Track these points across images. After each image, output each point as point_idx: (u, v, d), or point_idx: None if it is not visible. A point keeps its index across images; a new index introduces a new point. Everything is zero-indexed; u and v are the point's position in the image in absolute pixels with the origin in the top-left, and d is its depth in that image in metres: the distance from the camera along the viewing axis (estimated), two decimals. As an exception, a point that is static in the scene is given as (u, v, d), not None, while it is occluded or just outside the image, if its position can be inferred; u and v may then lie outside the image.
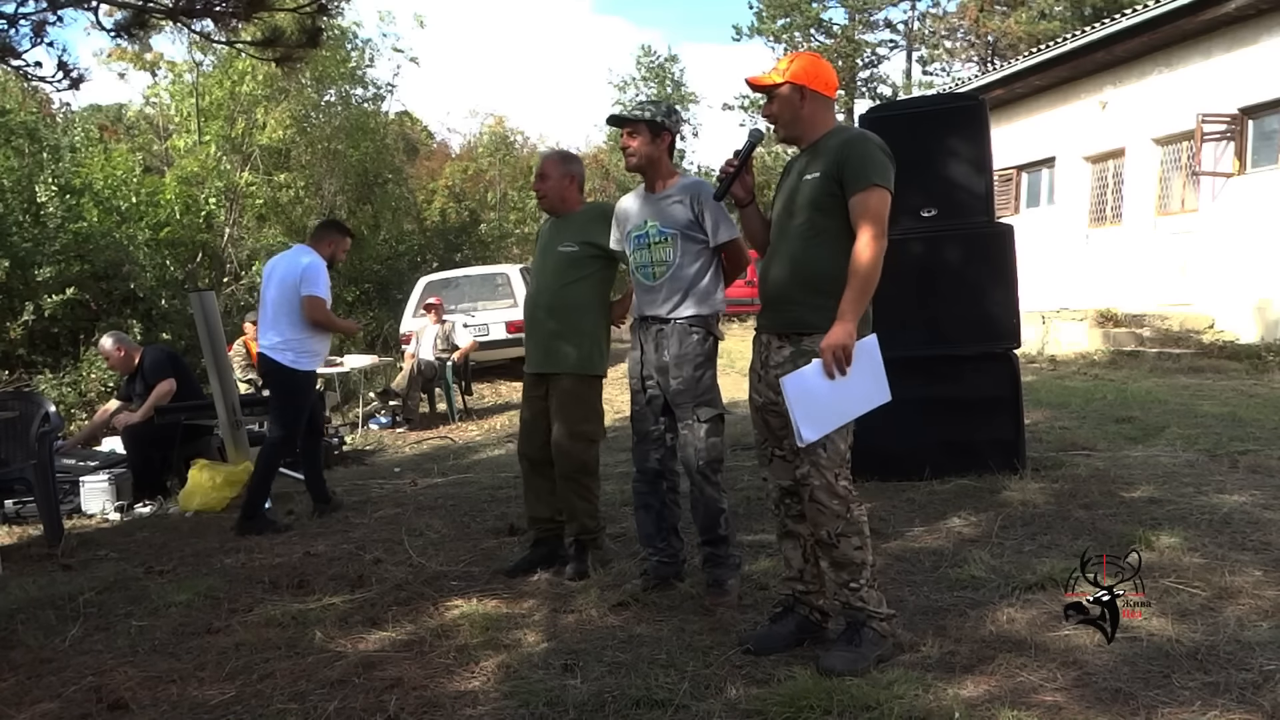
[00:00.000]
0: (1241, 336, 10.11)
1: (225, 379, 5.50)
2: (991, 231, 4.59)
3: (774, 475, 2.77)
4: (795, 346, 2.62)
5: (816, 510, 2.59)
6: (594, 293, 3.54)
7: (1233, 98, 10.41)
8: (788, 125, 2.73)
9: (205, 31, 5.69)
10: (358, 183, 16.61)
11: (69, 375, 8.89)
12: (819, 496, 2.57)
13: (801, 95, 2.68)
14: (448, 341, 9.58)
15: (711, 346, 3.17)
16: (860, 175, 2.55)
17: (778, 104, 2.70)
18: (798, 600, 2.79)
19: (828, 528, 2.58)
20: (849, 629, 2.64)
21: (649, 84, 33.03)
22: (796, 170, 2.74)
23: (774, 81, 2.69)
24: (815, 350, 2.53)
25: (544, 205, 3.66)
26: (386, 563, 3.90)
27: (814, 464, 2.56)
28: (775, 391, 2.63)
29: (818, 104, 2.70)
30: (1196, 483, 4.27)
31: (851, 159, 2.57)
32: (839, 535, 2.58)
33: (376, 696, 2.55)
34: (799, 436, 2.50)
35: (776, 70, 2.73)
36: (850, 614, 2.65)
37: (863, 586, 2.61)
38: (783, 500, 2.76)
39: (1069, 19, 22.76)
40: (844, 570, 2.62)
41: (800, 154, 2.77)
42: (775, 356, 2.67)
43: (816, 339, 2.54)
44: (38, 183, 9.99)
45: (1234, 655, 2.47)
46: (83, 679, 2.81)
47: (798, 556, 2.77)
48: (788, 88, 2.68)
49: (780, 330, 2.68)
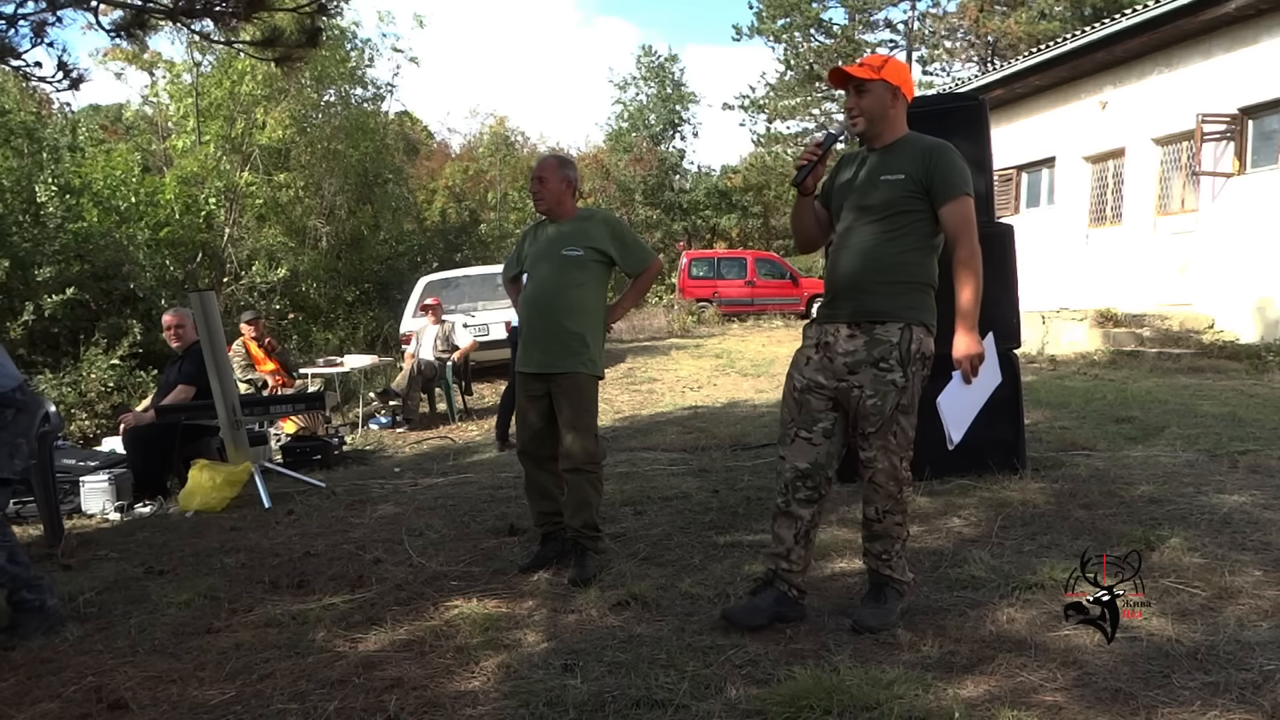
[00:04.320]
0: (1241, 336, 10.11)
1: (225, 379, 5.50)
2: (991, 231, 4.58)
3: (792, 456, 2.83)
4: (869, 335, 2.72)
5: (874, 490, 2.76)
6: (598, 296, 3.65)
7: (1233, 98, 10.42)
8: (874, 121, 2.77)
9: (204, 32, 5.69)
10: (358, 183, 16.61)
11: (69, 375, 8.88)
12: (879, 479, 2.74)
13: (894, 95, 2.76)
14: (448, 341, 9.58)
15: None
16: (952, 184, 2.69)
17: (870, 99, 2.75)
18: (778, 576, 2.88)
19: (878, 505, 2.78)
20: (874, 589, 2.87)
21: (649, 84, 33.02)
22: (869, 169, 2.80)
23: (870, 76, 2.74)
24: (891, 340, 2.68)
25: (540, 208, 3.72)
26: (386, 563, 3.90)
27: (884, 449, 2.71)
28: (829, 378, 2.76)
29: (901, 107, 2.79)
30: (1196, 483, 4.27)
31: (941, 167, 2.69)
32: (886, 512, 2.77)
33: (376, 696, 2.55)
34: (950, 441, 2.80)
35: (869, 66, 2.77)
36: (875, 577, 2.87)
37: (894, 557, 2.82)
38: (794, 482, 2.82)
39: (1069, 19, 22.76)
40: (881, 541, 2.81)
41: (871, 153, 2.83)
42: (846, 345, 2.75)
43: (890, 328, 2.69)
44: (37, 183, 9.98)
45: (1234, 655, 2.47)
46: (83, 679, 2.81)
47: (789, 536, 2.85)
48: (881, 85, 2.74)
49: (852, 319, 2.75)
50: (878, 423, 2.69)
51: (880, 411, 2.68)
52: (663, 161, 31.22)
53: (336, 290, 16.03)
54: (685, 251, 25.03)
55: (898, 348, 2.68)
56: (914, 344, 2.69)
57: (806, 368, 2.82)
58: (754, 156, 31.39)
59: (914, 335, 2.70)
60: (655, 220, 29.03)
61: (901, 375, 2.68)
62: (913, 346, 2.69)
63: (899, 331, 2.69)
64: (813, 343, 2.84)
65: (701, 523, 4.17)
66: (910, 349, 2.69)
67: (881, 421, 2.69)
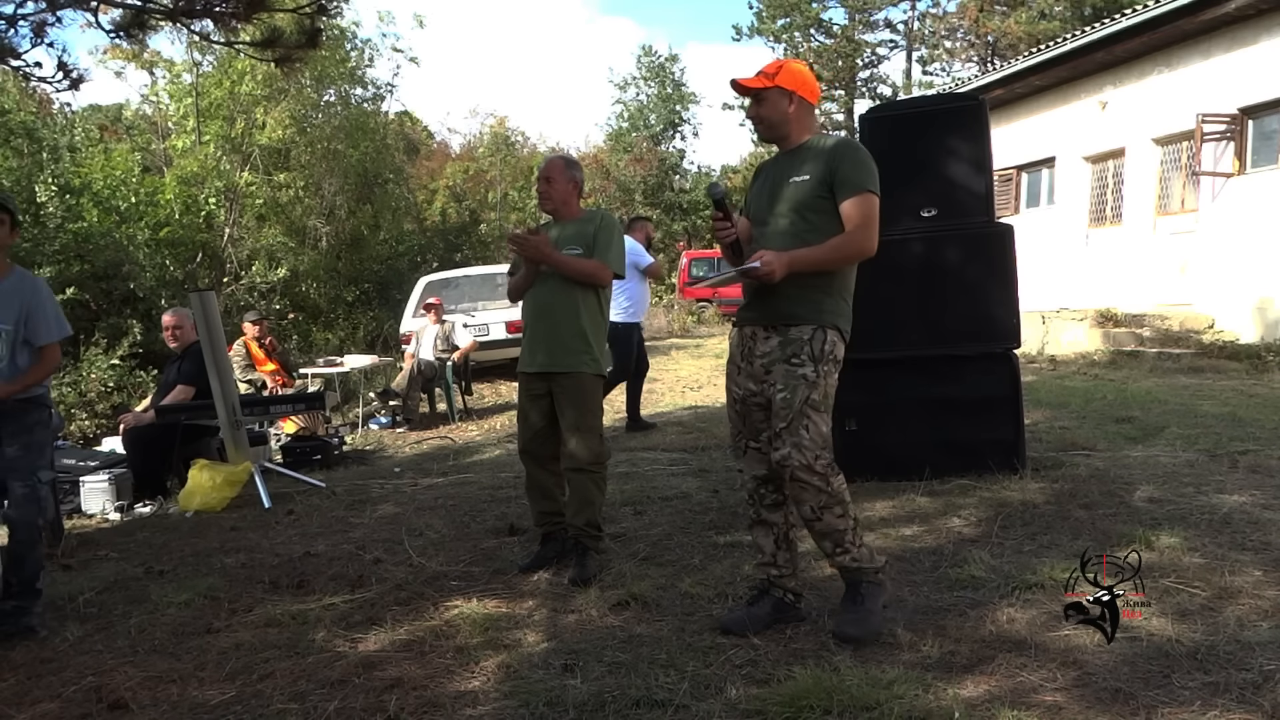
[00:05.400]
0: (1241, 336, 10.11)
1: (225, 379, 5.50)
2: (991, 231, 4.59)
3: (749, 467, 2.89)
4: (783, 335, 2.74)
5: (799, 489, 2.71)
6: (600, 296, 3.66)
7: (1233, 98, 10.42)
8: (774, 127, 2.83)
9: (204, 32, 5.69)
10: (358, 183, 16.61)
11: (69, 375, 8.88)
12: (800, 475, 2.67)
13: (790, 100, 2.79)
14: (448, 341, 9.58)
15: None
16: (853, 181, 2.70)
17: (766, 106, 2.81)
18: (772, 584, 2.91)
19: (810, 503, 2.71)
20: (849, 590, 2.80)
21: (649, 84, 33.01)
22: (779, 172, 2.84)
23: (762, 85, 2.78)
24: (804, 338, 2.70)
25: (547, 208, 3.72)
26: (386, 563, 3.90)
27: (796, 445, 2.66)
28: (756, 382, 2.79)
29: (803, 109, 2.83)
30: (1196, 483, 4.27)
31: (844, 165, 2.71)
32: (821, 509, 2.71)
33: (376, 696, 2.55)
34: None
35: (764, 74, 2.81)
36: (846, 575, 2.80)
37: (850, 548, 2.75)
38: (757, 490, 2.88)
39: (1069, 19, 22.75)
40: (829, 539, 2.75)
41: (780, 156, 2.88)
42: (762, 346, 2.79)
43: (804, 329, 2.71)
44: (37, 183, 9.99)
45: (1234, 655, 2.47)
46: (83, 679, 2.81)
47: (769, 543, 2.90)
48: (776, 91, 2.78)
49: (768, 321, 2.79)
50: (787, 416, 2.67)
51: (789, 405, 2.67)
52: (663, 161, 31.21)
53: (336, 290, 16.02)
54: (685, 251, 25.03)
55: (809, 344, 2.70)
56: (826, 344, 2.71)
57: (739, 376, 2.86)
58: (754, 156, 31.35)
59: (827, 336, 2.72)
60: (655, 220, 29.01)
61: (813, 370, 2.68)
62: (825, 347, 2.71)
63: (811, 331, 2.71)
64: (737, 349, 2.89)
65: (701, 523, 4.17)
66: (822, 348, 2.70)
67: (791, 415, 2.66)
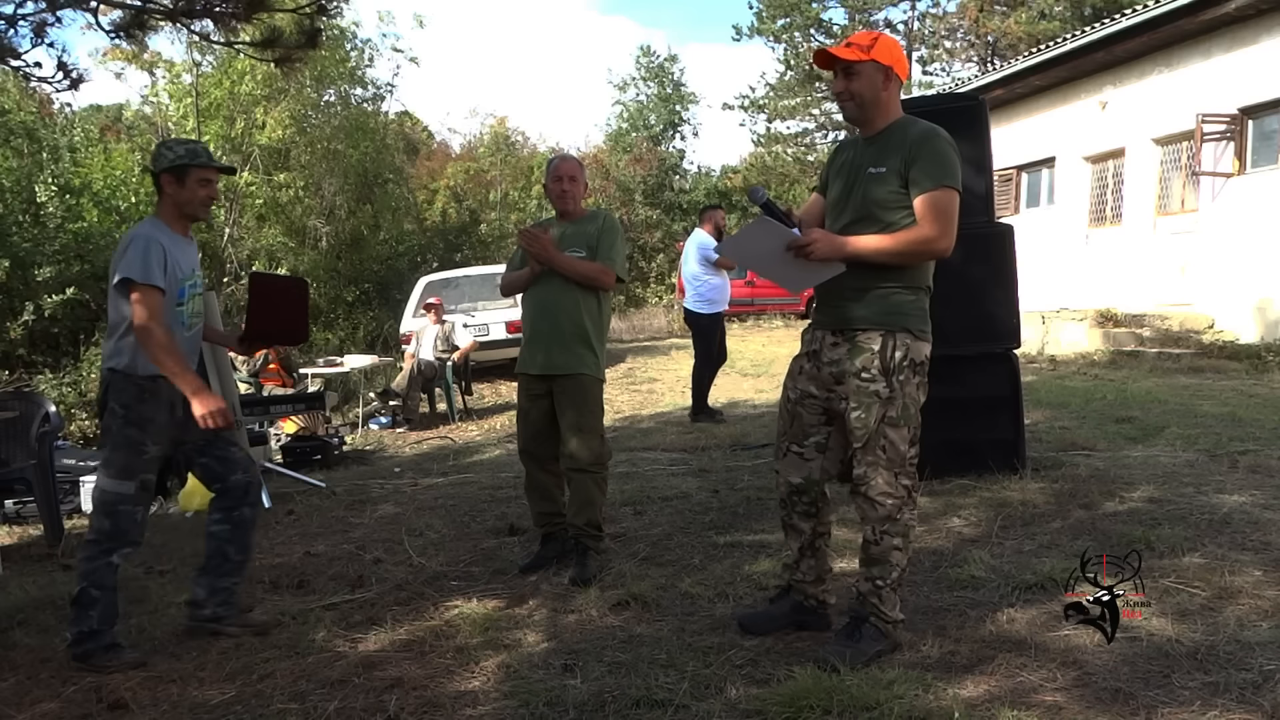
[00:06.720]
0: (1241, 336, 10.11)
1: (225, 379, 5.49)
2: (991, 231, 4.59)
3: (785, 470, 2.75)
4: (851, 343, 2.56)
5: (868, 506, 2.57)
6: (601, 297, 3.66)
7: (1233, 98, 10.41)
8: (865, 106, 2.55)
9: (204, 32, 5.69)
10: (358, 183, 16.61)
11: (69, 375, 8.89)
12: (871, 494, 2.55)
13: (885, 76, 2.52)
14: (448, 341, 9.58)
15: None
16: (928, 175, 2.47)
17: (860, 81, 2.51)
18: (793, 586, 2.84)
19: (874, 524, 2.57)
20: (851, 622, 2.64)
21: (648, 84, 32.99)
22: (860, 159, 2.61)
23: (857, 58, 2.50)
24: (873, 348, 2.51)
25: (569, 206, 3.70)
26: (386, 563, 3.90)
27: (872, 464, 2.53)
28: (819, 387, 2.64)
29: (894, 89, 2.57)
30: (1196, 483, 4.27)
31: (922, 157, 2.48)
32: (883, 534, 2.57)
33: (376, 696, 2.55)
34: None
35: (858, 46, 2.52)
36: (859, 607, 2.64)
37: (886, 587, 2.59)
38: (790, 497, 2.75)
39: (1069, 19, 22.73)
40: (876, 566, 2.60)
41: (864, 141, 2.63)
42: (830, 354, 2.62)
43: (872, 336, 2.52)
44: (37, 183, 10.00)
45: (1234, 655, 2.47)
46: (83, 679, 2.81)
47: (795, 548, 2.80)
48: (871, 65, 2.51)
49: (834, 326, 2.63)
50: (864, 437, 2.52)
51: (865, 425, 2.51)
52: (663, 161, 31.17)
53: (336, 290, 16.02)
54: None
55: (879, 356, 2.50)
56: (898, 351, 2.51)
57: (800, 377, 2.70)
58: (754, 156, 31.32)
59: (898, 342, 2.51)
60: (655, 220, 28.99)
61: (885, 386, 2.50)
62: (897, 354, 2.50)
63: (880, 339, 2.52)
64: (805, 350, 2.72)
65: (701, 523, 4.17)
66: (894, 357, 2.50)
67: (867, 435, 2.52)
